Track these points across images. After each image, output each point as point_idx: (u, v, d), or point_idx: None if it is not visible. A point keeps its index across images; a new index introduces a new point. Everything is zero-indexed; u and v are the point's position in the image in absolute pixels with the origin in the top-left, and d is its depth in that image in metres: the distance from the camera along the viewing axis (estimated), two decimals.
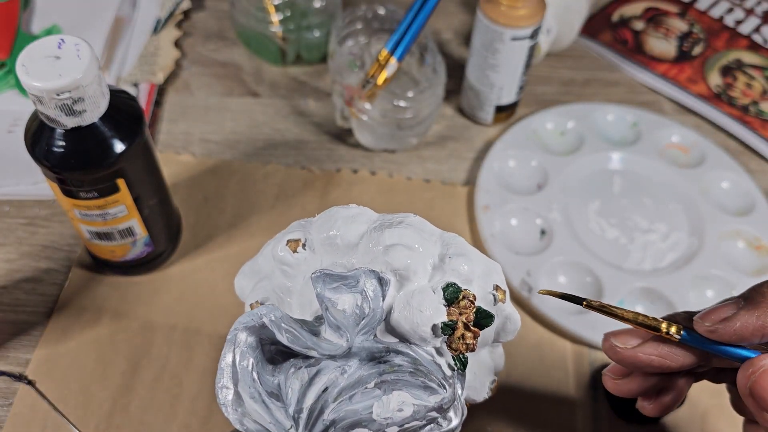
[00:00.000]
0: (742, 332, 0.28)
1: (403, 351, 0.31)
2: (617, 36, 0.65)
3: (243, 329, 0.29)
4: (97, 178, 0.39)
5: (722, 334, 0.29)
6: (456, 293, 0.31)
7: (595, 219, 0.52)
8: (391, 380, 0.29)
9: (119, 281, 0.47)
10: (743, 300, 0.29)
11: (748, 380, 0.28)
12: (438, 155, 0.56)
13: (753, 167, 0.56)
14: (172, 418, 0.42)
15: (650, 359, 0.31)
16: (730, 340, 0.29)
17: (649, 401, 0.34)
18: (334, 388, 0.29)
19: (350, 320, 0.29)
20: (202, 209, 0.51)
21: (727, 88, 0.61)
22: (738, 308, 0.29)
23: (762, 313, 0.28)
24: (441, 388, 0.30)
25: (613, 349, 0.32)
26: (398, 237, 0.31)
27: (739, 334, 0.28)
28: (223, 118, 0.58)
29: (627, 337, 0.32)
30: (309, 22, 0.58)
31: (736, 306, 0.29)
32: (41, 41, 0.36)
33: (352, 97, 0.51)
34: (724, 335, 0.29)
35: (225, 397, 0.29)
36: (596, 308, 0.31)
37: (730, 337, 0.29)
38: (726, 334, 0.29)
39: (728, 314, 0.29)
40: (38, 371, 0.43)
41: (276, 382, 0.30)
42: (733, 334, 0.28)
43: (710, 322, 0.29)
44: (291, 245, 0.33)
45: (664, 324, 0.30)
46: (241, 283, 0.37)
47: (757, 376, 0.28)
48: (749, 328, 0.28)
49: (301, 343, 0.29)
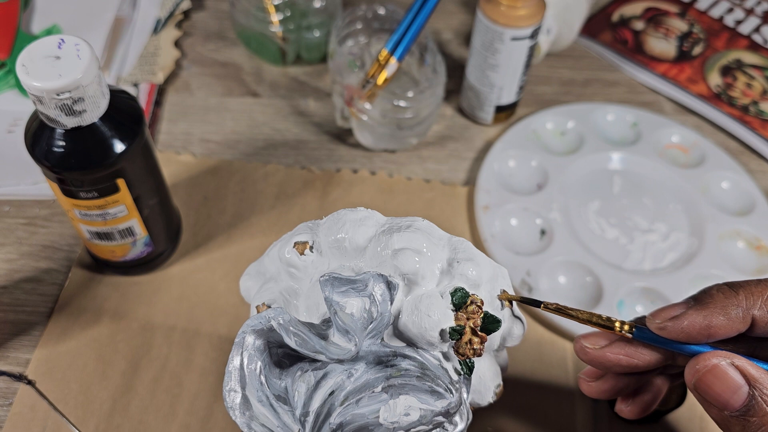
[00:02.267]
0: (689, 331, 0.29)
1: (411, 355, 0.31)
2: (617, 36, 0.65)
3: (251, 332, 0.29)
4: (97, 178, 0.39)
5: (671, 332, 0.30)
6: (464, 298, 0.31)
7: (595, 219, 0.52)
8: (398, 384, 0.29)
9: (119, 281, 0.47)
10: (693, 300, 0.30)
11: (693, 377, 0.29)
12: (438, 155, 0.56)
13: (753, 167, 0.56)
14: (172, 418, 0.42)
15: (618, 358, 0.32)
16: (678, 338, 0.30)
17: (626, 404, 0.35)
18: (341, 392, 0.29)
19: (358, 324, 0.29)
20: (202, 209, 0.51)
21: (727, 88, 0.61)
22: (687, 308, 0.30)
23: (709, 313, 0.29)
24: (448, 392, 0.30)
25: (583, 350, 0.32)
26: (407, 241, 0.31)
27: (687, 333, 0.29)
28: (223, 118, 0.58)
29: (596, 339, 0.32)
30: (309, 22, 0.58)
31: (686, 306, 0.30)
32: (41, 41, 0.36)
33: (352, 97, 0.51)
34: (673, 333, 0.30)
35: (233, 400, 0.29)
36: (553, 310, 0.32)
37: (678, 335, 0.30)
38: (674, 331, 0.30)
39: (677, 313, 0.30)
40: (38, 371, 0.43)
41: (283, 385, 0.30)
42: (680, 332, 0.30)
43: (660, 320, 0.30)
44: (298, 247, 0.33)
45: (617, 323, 0.31)
46: (246, 284, 0.36)
47: (701, 374, 0.28)
48: (696, 327, 0.29)
49: (309, 347, 0.29)
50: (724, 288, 0.30)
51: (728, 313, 0.29)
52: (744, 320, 0.29)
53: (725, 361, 0.28)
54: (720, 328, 0.29)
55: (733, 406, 0.28)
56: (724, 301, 0.29)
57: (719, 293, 0.30)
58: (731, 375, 0.28)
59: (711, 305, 0.29)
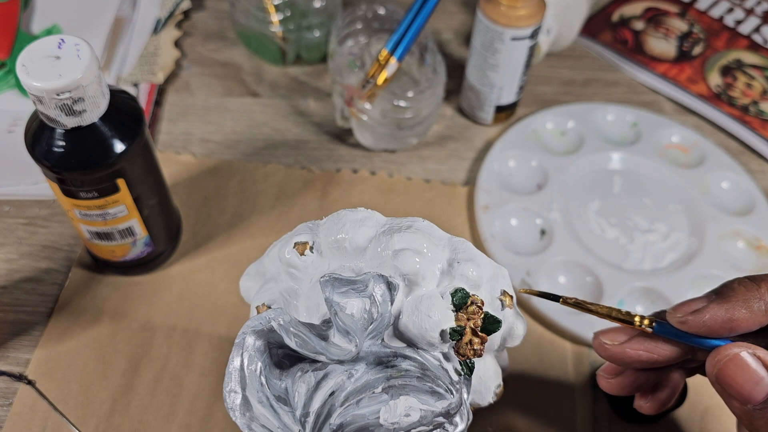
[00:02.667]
0: (710, 324, 0.29)
1: (411, 356, 0.31)
2: (617, 36, 0.65)
3: (251, 333, 0.29)
4: (97, 178, 0.39)
5: (692, 326, 0.30)
6: (464, 299, 0.31)
7: (595, 219, 0.52)
8: (399, 385, 0.29)
9: (119, 281, 0.47)
10: (715, 294, 0.30)
11: (714, 368, 0.29)
12: (438, 155, 0.56)
13: (753, 167, 0.56)
14: (172, 418, 0.42)
15: (638, 354, 0.31)
16: (699, 332, 0.30)
17: (645, 400, 0.34)
18: (341, 393, 0.29)
19: (359, 325, 0.29)
20: (202, 209, 0.51)
21: (727, 88, 0.61)
22: (709, 302, 0.30)
23: (731, 306, 0.29)
24: (448, 393, 0.30)
25: (603, 347, 0.32)
26: (407, 242, 0.31)
27: (708, 326, 0.29)
28: (223, 118, 0.58)
29: (615, 334, 0.32)
30: (309, 22, 0.58)
31: (707, 299, 0.30)
32: (41, 41, 0.36)
33: (352, 97, 0.51)
34: (694, 327, 0.30)
35: (233, 401, 0.29)
36: (572, 304, 0.32)
37: (699, 329, 0.29)
38: (696, 325, 0.30)
39: (699, 307, 0.30)
40: (38, 371, 0.43)
41: (283, 386, 0.30)
42: (702, 325, 0.29)
43: (681, 314, 0.30)
44: (298, 248, 0.33)
45: (637, 317, 0.31)
46: (246, 284, 0.36)
47: (722, 364, 0.28)
48: (718, 320, 0.29)
49: (309, 348, 0.29)
50: (746, 281, 0.30)
51: (750, 306, 0.29)
52: (767, 313, 0.29)
53: (747, 351, 0.28)
54: (742, 322, 0.29)
55: (756, 399, 0.27)
56: (746, 294, 0.29)
57: (741, 286, 0.30)
58: (753, 366, 0.28)
59: (733, 298, 0.29)
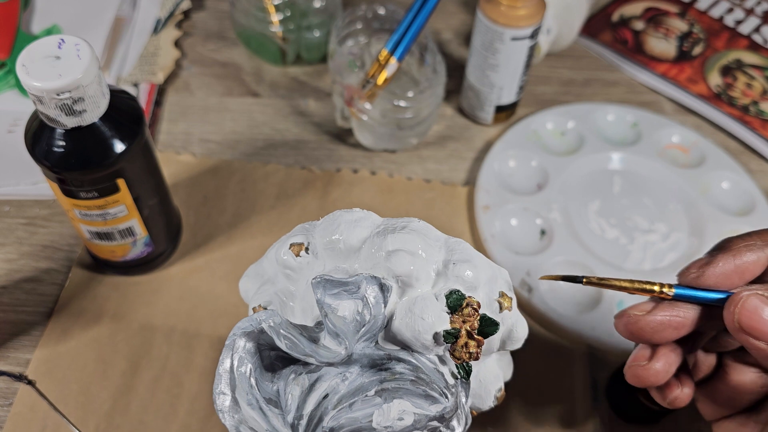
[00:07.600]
0: (724, 272, 0.30)
1: (405, 359, 0.30)
2: (617, 36, 0.65)
3: (241, 335, 0.29)
4: (97, 178, 0.39)
5: (708, 278, 0.31)
6: (459, 300, 0.30)
7: (595, 219, 0.52)
8: (392, 388, 0.29)
9: (119, 281, 0.47)
10: (716, 250, 0.32)
11: (733, 315, 0.29)
12: (438, 155, 0.56)
13: (753, 167, 0.56)
14: (172, 418, 0.42)
15: (668, 320, 0.31)
16: (715, 284, 0.31)
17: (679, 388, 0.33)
18: (335, 395, 0.29)
19: (350, 327, 0.29)
20: (202, 209, 0.51)
21: (727, 88, 0.61)
22: (713, 256, 0.31)
23: (736, 253, 0.31)
24: (443, 397, 0.29)
25: (633, 319, 0.32)
26: (401, 242, 0.30)
27: (723, 275, 0.30)
28: (223, 118, 0.58)
29: (640, 307, 0.32)
30: (309, 22, 0.58)
31: (710, 256, 0.31)
32: (41, 41, 0.36)
33: (352, 97, 0.51)
34: (711, 279, 0.31)
35: (222, 403, 0.29)
36: (596, 283, 0.32)
37: (716, 280, 0.31)
38: (712, 277, 0.31)
39: (706, 261, 0.31)
40: (38, 371, 0.43)
41: (275, 388, 0.30)
42: (717, 276, 0.31)
43: (695, 269, 0.31)
44: (294, 249, 0.32)
45: (657, 285, 0.32)
46: (245, 285, 0.36)
47: (740, 308, 0.29)
48: (729, 268, 0.30)
49: (299, 350, 0.28)
50: (738, 235, 0.31)
51: (753, 250, 0.30)
52: None
53: (760, 291, 0.29)
54: (750, 264, 0.30)
55: None
56: (745, 242, 0.31)
57: (737, 238, 0.31)
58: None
59: (734, 248, 0.31)
